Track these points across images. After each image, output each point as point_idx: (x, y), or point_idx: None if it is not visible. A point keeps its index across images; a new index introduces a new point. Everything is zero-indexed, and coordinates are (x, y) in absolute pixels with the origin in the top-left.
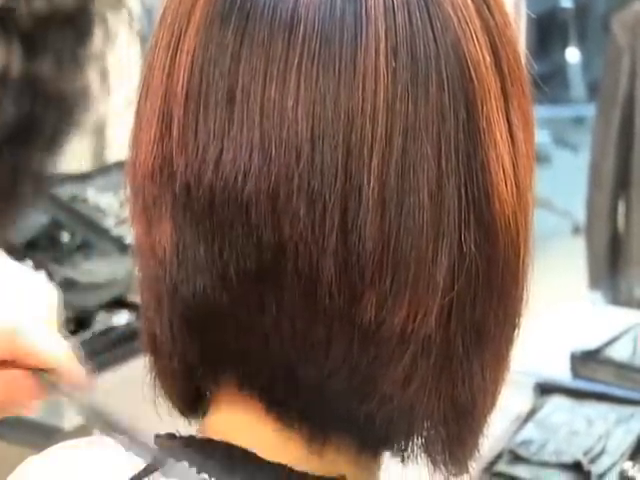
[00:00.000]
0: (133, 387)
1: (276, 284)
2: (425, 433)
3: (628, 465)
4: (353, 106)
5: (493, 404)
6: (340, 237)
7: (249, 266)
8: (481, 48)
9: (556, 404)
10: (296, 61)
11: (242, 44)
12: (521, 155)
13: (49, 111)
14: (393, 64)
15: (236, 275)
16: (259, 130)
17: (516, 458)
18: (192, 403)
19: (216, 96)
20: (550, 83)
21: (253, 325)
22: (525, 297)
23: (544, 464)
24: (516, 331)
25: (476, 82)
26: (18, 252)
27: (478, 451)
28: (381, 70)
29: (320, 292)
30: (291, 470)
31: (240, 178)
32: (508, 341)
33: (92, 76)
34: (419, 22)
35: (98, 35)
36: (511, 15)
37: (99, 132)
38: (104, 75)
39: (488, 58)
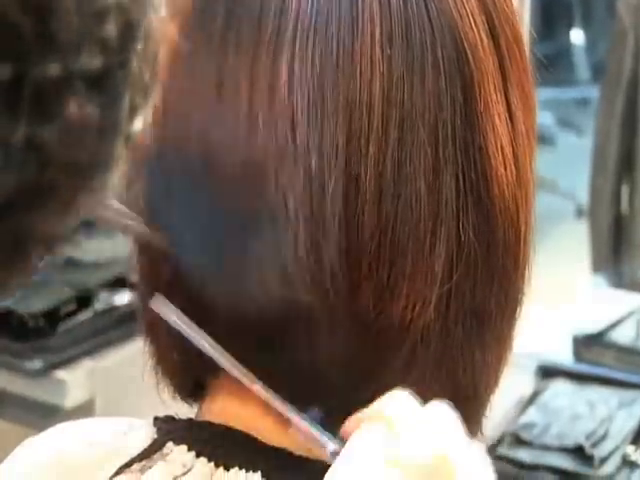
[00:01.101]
0: (135, 366)
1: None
2: None
3: (630, 449)
4: (350, 94)
5: (496, 384)
6: (341, 225)
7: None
8: (478, 29)
9: (558, 388)
10: (288, 36)
11: (230, 26)
12: (520, 134)
13: (61, 179)
14: (388, 51)
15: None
16: (247, 103)
17: (518, 441)
18: (192, 390)
19: (203, 72)
20: (554, 65)
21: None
22: (527, 275)
23: (546, 447)
24: (518, 310)
25: (473, 65)
26: None
27: (481, 432)
28: (377, 58)
29: (314, 282)
30: (290, 454)
31: (227, 147)
32: (510, 321)
33: (115, 143)
34: (414, 5)
35: (125, 99)
36: None
37: None
38: (130, 139)
39: (485, 39)
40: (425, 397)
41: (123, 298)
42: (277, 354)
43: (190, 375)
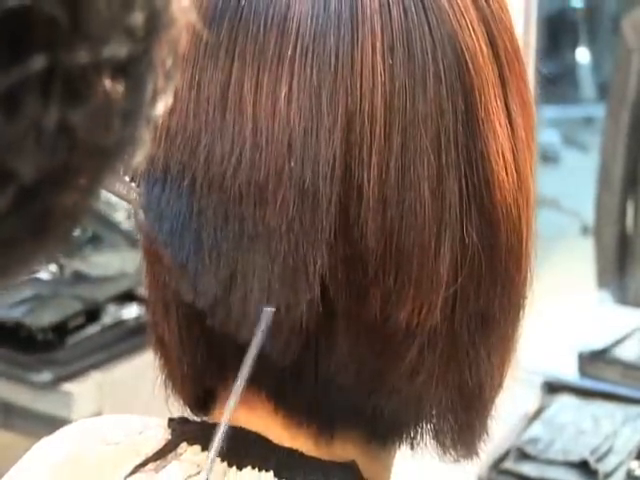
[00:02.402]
0: (143, 380)
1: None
2: (434, 421)
3: (635, 464)
4: (351, 105)
5: (500, 387)
6: (340, 233)
7: (234, 257)
8: (478, 39)
9: (563, 403)
10: (289, 54)
11: (236, 40)
12: (520, 141)
13: (87, 161)
14: (390, 61)
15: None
16: (251, 122)
17: (523, 456)
18: (202, 403)
19: (209, 90)
20: (560, 83)
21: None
22: (529, 280)
23: (551, 462)
24: (521, 313)
25: (473, 73)
26: None
27: (487, 434)
28: (378, 68)
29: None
30: (302, 454)
31: (231, 169)
32: (514, 323)
33: (139, 126)
34: (414, 16)
35: (150, 84)
36: (522, 15)
37: None
38: (153, 124)
39: (485, 48)
40: (433, 398)
41: (131, 312)
42: (283, 363)
43: (200, 387)
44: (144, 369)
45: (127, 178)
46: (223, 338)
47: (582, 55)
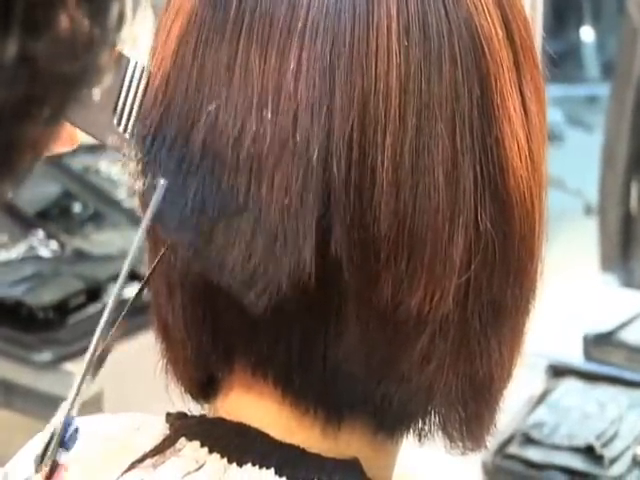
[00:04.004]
0: (144, 359)
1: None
2: (443, 411)
3: None
4: (366, 86)
5: (509, 378)
6: (354, 216)
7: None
8: (493, 22)
9: (568, 387)
10: (299, 27)
11: (244, 13)
12: (534, 127)
13: (51, 91)
14: (405, 43)
15: None
16: (257, 94)
17: (528, 440)
18: (204, 389)
19: (214, 61)
20: (564, 62)
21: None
22: (540, 271)
23: (556, 447)
24: (532, 305)
25: (489, 57)
26: (30, 222)
27: (495, 426)
28: (393, 49)
29: (325, 272)
30: (304, 451)
31: (232, 139)
32: (524, 315)
33: (103, 53)
34: None
35: (114, 10)
36: None
37: None
38: (116, 51)
39: (500, 32)
40: (443, 388)
41: (133, 291)
42: (293, 347)
43: (203, 371)
44: (146, 349)
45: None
46: (230, 321)
47: (586, 34)
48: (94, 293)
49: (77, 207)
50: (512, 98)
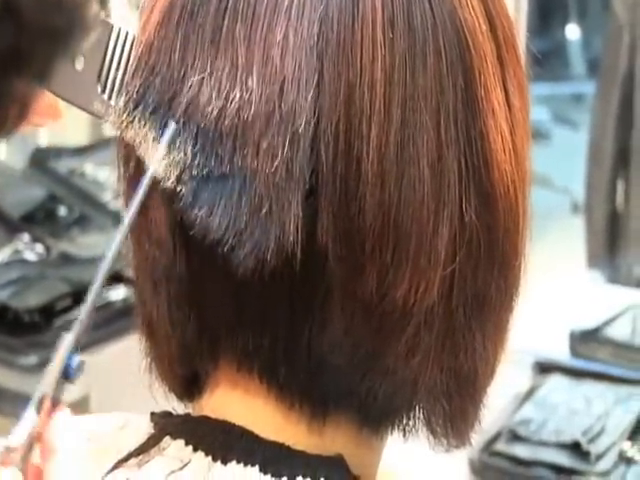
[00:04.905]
0: (131, 362)
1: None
2: (427, 406)
3: (627, 445)
4: (352, 77)
5: (493, 374)
6: (340, 207)
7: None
8: (477, 16)
9: (555, 383)
10: (285, 5)
11: (231, 16)
12: (518, 123)
13: (37, 43)
14: (390, 35)
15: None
16: (243, 66)
17: (515, 437)
18: (188, 387)
19: (199, 34)
20: (550, 60)
21: (252, 302)
22: (524, 266)
23: (543, 443)
24: (515, 300)
25: (473, 50)
26: (15, 225)
27: (479, 422)
28: (378, 40)
29: (310, 262)
30: (289, 448)
31: (217, 110)
32: (508, 311)
33: (89, 7)
34: None
35: None
36: None
37: None
38: (103, 2)
39: (484, 26)
40: (427, 381)
41: (119, 293)
42: (279, 339)
43: (188, 367)
44: (133, 351)
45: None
46: (216, 314)
47: (572, 32)
48: (80, 296)
49: (62, 210)
50: (496, 92)
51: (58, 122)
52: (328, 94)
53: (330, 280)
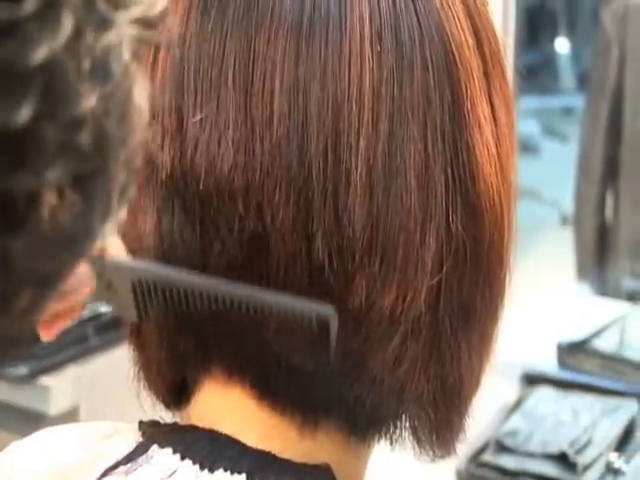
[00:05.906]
0: (120, 373)
1: (263, 273)
2: (414, 415)
3: (614, 456)
4: (340, 91)
5: (478, 384)
6: (332, 222)
7: (235, 256)
8: (464, 31)
9: (542, 395)
10: (279, 55)
11: (226, 35)
12: (503, 136)
13: (26, 288)
14: (378, 48)
15: (223, 265)
16: (245, 126)
17: (502, 448)
18: (177, 396)
19: (203, 86)
20: (539, 73)
21: (242, 313)
22: (509, 278)
23: (530, 454)
24: (501, 311)
25: (460, 64)
26: None
27: (464, 432)
28: (366, 54)
29: (310, 278)
30: (275, 457)
31: (224, 171)
32: (493, 321)
33: (86, 247)
34: (402, 5)
35: (103, 204)
36: (500, 4)
37: None
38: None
39: (470, 40)
40: (414, 390)
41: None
42: (266, 349)
43: (176, 376)
44: (122, 363)
45: None
46: (207, 325)
47: (561, 45)
48: None
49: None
50: (482, 106)
51: None
52: (313, 113)
53: (322, 290)
